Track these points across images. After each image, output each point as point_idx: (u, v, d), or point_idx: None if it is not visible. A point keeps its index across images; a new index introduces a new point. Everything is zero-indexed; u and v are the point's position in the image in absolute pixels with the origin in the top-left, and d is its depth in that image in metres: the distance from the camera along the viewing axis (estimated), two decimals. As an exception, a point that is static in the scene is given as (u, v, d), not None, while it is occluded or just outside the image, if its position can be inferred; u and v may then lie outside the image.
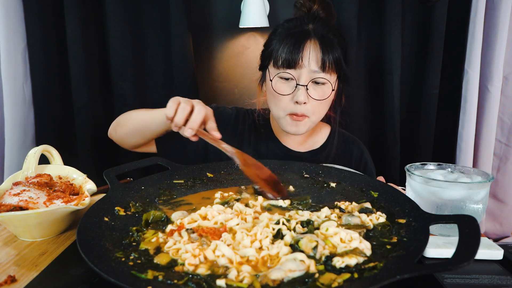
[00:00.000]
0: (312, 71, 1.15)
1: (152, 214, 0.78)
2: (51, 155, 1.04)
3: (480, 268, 0.73)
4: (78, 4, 1.70)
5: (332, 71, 1.17)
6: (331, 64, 1.16)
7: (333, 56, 1.16)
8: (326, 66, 1.15)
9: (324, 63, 1.15)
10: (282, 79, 1.19)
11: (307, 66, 1.15)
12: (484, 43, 1.77)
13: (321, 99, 1.18)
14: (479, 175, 0.89)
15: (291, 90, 1.17)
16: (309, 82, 1.16)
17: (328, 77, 1.17)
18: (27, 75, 1.74)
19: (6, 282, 0.65)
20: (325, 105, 1.22)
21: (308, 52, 1.15)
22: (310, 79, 1.16)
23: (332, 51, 1.16)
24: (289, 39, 1.16)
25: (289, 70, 1.16)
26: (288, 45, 1.16)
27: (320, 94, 1.18)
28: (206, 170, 1.05)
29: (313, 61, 1.15)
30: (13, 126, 1.72)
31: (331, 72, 1.17)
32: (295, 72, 1.16)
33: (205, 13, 1.88)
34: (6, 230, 0.86)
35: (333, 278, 0.57)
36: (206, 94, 1.97)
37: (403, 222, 0.73)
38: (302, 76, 1.15)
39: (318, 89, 1.18)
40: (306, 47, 1.15)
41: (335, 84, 1.21)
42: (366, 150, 1.42)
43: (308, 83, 1.16)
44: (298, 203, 0.88)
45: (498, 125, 1.90)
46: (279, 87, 1.19)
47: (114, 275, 0.55)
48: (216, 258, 0.62)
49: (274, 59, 1.19)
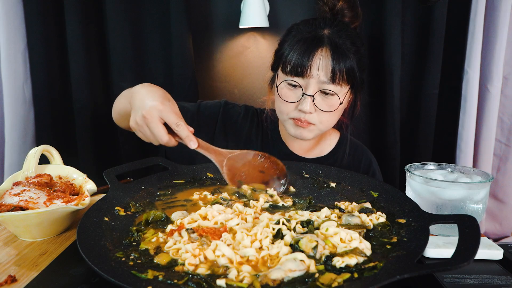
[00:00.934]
0: (321, 82, 1.09)
1: (152, 214, 0.78)
2: (51, 155, 1.04)
3: (480, 268, 0.73)
4: (78, 4, 1.70)
5: (343, 83, 1.10)
6: (342, 76, 1.09)
7: (346, 66, 1.09)
8: (336, 78, 1.08)
9: (334, 74, 1.08)
10: (289, 86, 1.13)
11: (316, 76, 1.08)
12: (484, 43, 1.77)
13: (328, 110, 1.12)
14: (479, 175, 0.89)
15: (297, 98, 1.12)
16: (316, 92, 1.10)
17: (337, 89, 1.10)
18: (27, 75, 1.75)
19: (6, 282, 0.65)
20: (334, 115, 1.16)
21: (318, 61, 1.08)
22: (318, 90, 1.10)
23: (345, 61, 1.08)
24: (301, 45, 1.10)
25: (297, 78, 1.11)
26: (298, 52, 1.09)
27: (328, 105, 1.12)
28: (206, 170, 1.04)
29: (322, 71, 1.08)
30: (13, 126, 1.72)
31: (342, 84, 1.10)
32: (303, 81, 1.11)
33: (205, 13, 1.88)
34: (6, 230, 0.86)
35: (333, 278, 0.57)
36: (206, 94, 1.97)
37: (403, 222, 0.73)
38: (310, 86, 1.10)
39: (326, 100, 1.12)
40: (317, 56, 1.08)
41: (346, 95, 1.15)
42: (375, 160, 1.37)
43: (316, 94, 1.10)
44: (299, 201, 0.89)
45: (498, 125, 1.90)
46: (285, 93, 1.14)
47: (114, 275, 0.55)
48: (216, 258, 0.62)
49: (283, 63, 1.13)
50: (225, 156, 0.98)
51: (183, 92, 1.80)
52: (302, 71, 1.09)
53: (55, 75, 1.80)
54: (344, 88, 1.12)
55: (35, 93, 1.77)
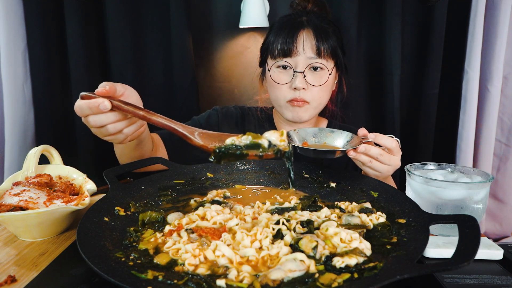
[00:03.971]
0: (308, 58, 1.19)
1: (148, 214, 0.78)
2: (51, 155, 1.04)
3: (480, 268, 0.73)
4: (78, 4, 1.70)
5: (328, 57, 1.21)
6: (327, 50, 1.20)
7: (328, 44, 1.20)
8: (321, 52, 1.19)
9: (319, 49, 1.18)
10: (280, 68, 1.23)
11: (303, 53, 1.19)
12: (484, 43, 1.77)
13: (319, 84, 1.21)
14: (479, 175, 0.89)
15: (289, 78, 1.21)
16: (305, 68, 1.19)
17: (324, 62, 1.20)
18: (27, 75, 1.75)
19: (6, 282, 0.65)
20: (325, 91, 1.24)
21: (302, 40, 1.19)
22: (306, 65, 1.19)
23: (327, 39, 1.20)
24: (284, 30, 1.21)
25: (286, 58, 1.20)
26: (283, 35, 1.20)
27: (318, 79, 1.21)
28: (206, 170, 1.05)
29: (308, 48, 1.19)
30: (13, 126, 1.72)
31: (327, 58, 1.21)
32: (292, 60, 1.20)
33: (205, 13, 1.88)
34: (6, 230, 0.86)
35: (333, 278, 0.57)
36: (206, 94, 1.97)
37: (403, 222, 0.73)
38: (299, 63, 1.19)
39: (316, 75, 1.21)
40: (300, 36, 1.19)
41: (333, 70, 1.24)
42: None
43: (305, 70, 1.19)
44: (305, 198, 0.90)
45: (498, 125, 1.90)
46: (277, 76, 1.23)
47: (114, 275, 0.55)
48: (216, 258, 0.62)
49: (271, 51, 1.24)
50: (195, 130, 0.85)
51: (183, 92, 1.81)
52: (289, 51, 1.19)
53: (55, 75, 1.80)
54: (330, 63, 1.23)
55: (35, 93, 1.76)
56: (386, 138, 0.94)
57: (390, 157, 0.94)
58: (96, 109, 0.80)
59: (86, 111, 0.82)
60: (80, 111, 0.82)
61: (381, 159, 0.93)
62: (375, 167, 0.94)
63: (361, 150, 0.90)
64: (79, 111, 0.82)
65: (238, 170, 1.06)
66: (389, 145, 0.93)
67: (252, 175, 1.05)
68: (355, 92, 1.82)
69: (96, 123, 0.83)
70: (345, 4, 1.72)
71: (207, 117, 1.38)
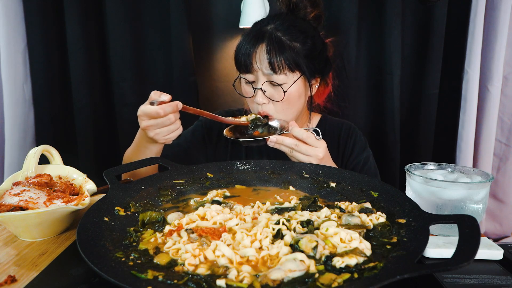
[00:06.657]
0: (266, 74, 1.18)
1: (148, 214, 0.78)
2: (51, 155, 1.04)
3: (480, 268, 0.73)
4: (78, 4, 1.70)
5: (287, 71, 1.17)
6: (282, 65, 1.16)
7: (284, 57, 1.16)
8: (275, 68, 1.16)
9: (272, 65, 1.16)
10: (246, 81, 1.24)
11: (259, 70, 1.18)
12: (484, 43, 1.77)
13: (278, 100, 1.20)
14: (479, 175, 0.89)
15: (253, 92, 1.22)
16: (263, 84, 1.19)
17: (282, 78, 1.17)
18: (27, 75, 1.75)
19: (6, 282, 0.65)
20: (290, 104, 1.22)
21: (258, 56, 1.18)
22: (264, 81, 1.19)
23: (283, 52, 1.15)
24: (244, 44, 1.21)
25: (247, 74, 1.22)
26: (242, 51, 1.20)
27: (278, 95, 1.20)
28: (206, 170, 1.04)
29: (264, 63, 1.17)
30: (13, 126, 1.72)
31: (286, 72, 1.17)
32: (252, 76, 1.21)
33: (205, 13, 1.88)
34: (6, 230, 0.86)
35: (333, 278, 0.57)
36: (206, 94, 1.97)
37: (403, 222, 0.73)
38: (259, 79, 1.20)
39: (277, 89, 1.19)
40: (257, 51, 1.18)
41: (298, 82, 1.20)
42: (357, 128, 1.41)
43: (263, 85, 1.19)
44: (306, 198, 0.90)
45: (498, 125, 1.90)
46: (244, 89, 1.25)
47: (114, 275, 0.55)
48: (216, 258, 0.62)
49: (236, 64, 1.25)
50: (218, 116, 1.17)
51: (183, 92, 1.81)
52: (247, 68, 1.20)
53: (55, 75, 1.80)
54: (292, 76, 1.19)
55: (35, 93, 1.77)
56: (298, 130, 1.05)
57: (307, 148, 1.05)
58: (176, 107, 1.03)
59: (168, 110, 1.01)
60: (162, 112, 1.01)
61: (298, 149, 1.04)
62: (296, 156, 1.06)
63: (272, 141, 1.06)
64: (161, 112, 1.01)
65: (238, 170, 1.06)
66: (300, 136, 1.05)
67: (252, 175, 1.05)
68: (355, 93, 1.82)
69: (171, 120, 1.04)
70: (345, 4, 1.72)
71: (194, 130, 1.41)
